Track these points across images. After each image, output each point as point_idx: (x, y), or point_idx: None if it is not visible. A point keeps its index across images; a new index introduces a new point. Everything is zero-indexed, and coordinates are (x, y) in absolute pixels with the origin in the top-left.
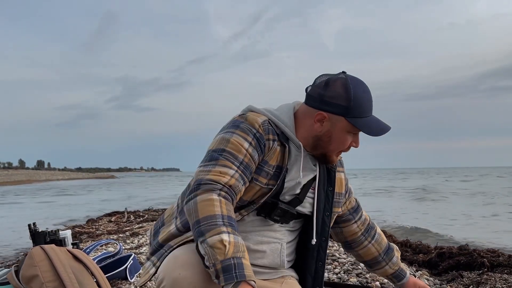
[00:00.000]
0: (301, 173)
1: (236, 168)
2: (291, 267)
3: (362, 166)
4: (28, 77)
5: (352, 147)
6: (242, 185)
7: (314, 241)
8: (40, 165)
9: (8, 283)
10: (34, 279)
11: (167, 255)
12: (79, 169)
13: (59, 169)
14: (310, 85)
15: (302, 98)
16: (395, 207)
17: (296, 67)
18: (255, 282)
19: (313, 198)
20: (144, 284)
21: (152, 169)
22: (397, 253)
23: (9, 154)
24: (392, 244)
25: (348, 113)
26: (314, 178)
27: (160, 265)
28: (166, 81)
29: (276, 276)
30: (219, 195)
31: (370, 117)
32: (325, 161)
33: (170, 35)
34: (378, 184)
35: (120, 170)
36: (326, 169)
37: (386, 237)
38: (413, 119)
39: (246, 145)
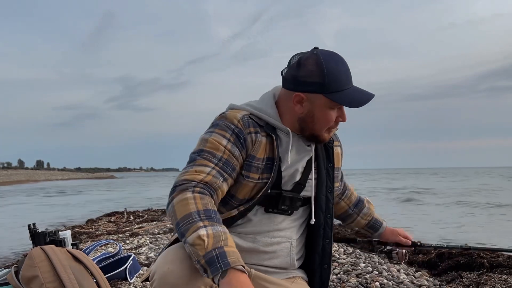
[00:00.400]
0: (289, 159)
1: (213, 165)
2: (300, 267)
3: (361, 167)
4: (27, 77)
5: (341, 122)
6: (222, 181)
7: (313, 220)
8: (39, 165)
9: (8, 283)
10: (34, 279)
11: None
12: (78, 169)
13: (58, 169)
14: (285, 67)
15: None
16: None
17: None
18: (243, 266)
19: (314, 179)
20: (145, 281)
21: (152, 169)
22: (368, 205)
23: (8, 154)
24: (364, 197)
25: (325, 89)
26: (312, 159)
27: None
28: (165, 81)
29: (286, 276)
30: (193, 192)
31: (349, 89)
32: (316, 141)
33: (170, 35)
34: (365, 185)
35: (119, 170)
36: (324, 146)
37: None
38: (412, 119)
39: (224, 142)
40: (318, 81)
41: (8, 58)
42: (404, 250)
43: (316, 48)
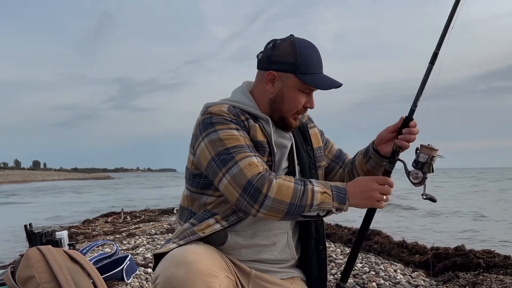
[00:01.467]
0: (274, 147)
1: (253, 154)
2: (297, 267)
3: None
4: (24, 77)
5: (309, 109)
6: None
7: None
8: (36, 165)
9: (4, 284)
10: (30, 280)
11: (192, 239)
12: (75, 170)
13: (55, 170)
14: (261, 52)
15: None
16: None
17: None
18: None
19: (297, 165)
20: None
21: (149, 169)
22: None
23: (4, 155)
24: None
25: (296, 70)
26: (293, 146)
27: (183, 244)
28: (162, 81)
29: (286, 276)
30: (275, 177)
31: (319, 74)
32: (285, 126)
33: (167, 35)
34: None
35: (116, 170)
36: (299, 131)
37: (383, 237)
38: None
39: (236, 132)
40: (291, 61)
41: (4, 58)
42: (421, 143)
43: (292, 35)
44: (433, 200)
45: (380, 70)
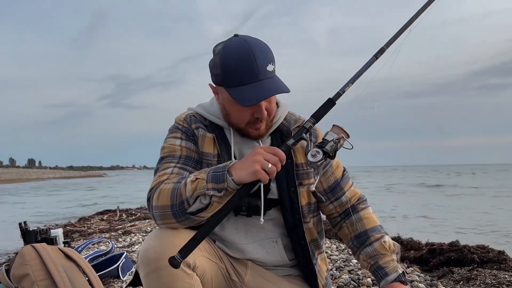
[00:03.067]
0: (234, 153)
1: (174, 164)
2: (297, 266)
3: (352, 164)
4: (18, 75)
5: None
6: (188, 173)
7: (261, 220)
8: (31, 163)
9: None
10: (25, 278)
11: None
12: (70, 168)
13: (50, 168)
14: None
15: (295, 96)
16: None
17: (288, 65)
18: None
19: (274, 180)
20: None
21: (144, 167)
22: (378, 246)
23: None
24: (376, 234)
25: (224, 82)
26: None
27: None
28: (158, 78)
29: (282, 274)
30: (163, 183)
31: (251, 83)
32: (247, 136)
33: (162, 32)
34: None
35: (112, 168)
36: (280, 142)
37: None
38: (404, 117)
39: (178, 142)
40: (218, 73)
41: None
42: (334, 123)
43: (236, 35)
44: (319, 200)
45: (374, 67)
